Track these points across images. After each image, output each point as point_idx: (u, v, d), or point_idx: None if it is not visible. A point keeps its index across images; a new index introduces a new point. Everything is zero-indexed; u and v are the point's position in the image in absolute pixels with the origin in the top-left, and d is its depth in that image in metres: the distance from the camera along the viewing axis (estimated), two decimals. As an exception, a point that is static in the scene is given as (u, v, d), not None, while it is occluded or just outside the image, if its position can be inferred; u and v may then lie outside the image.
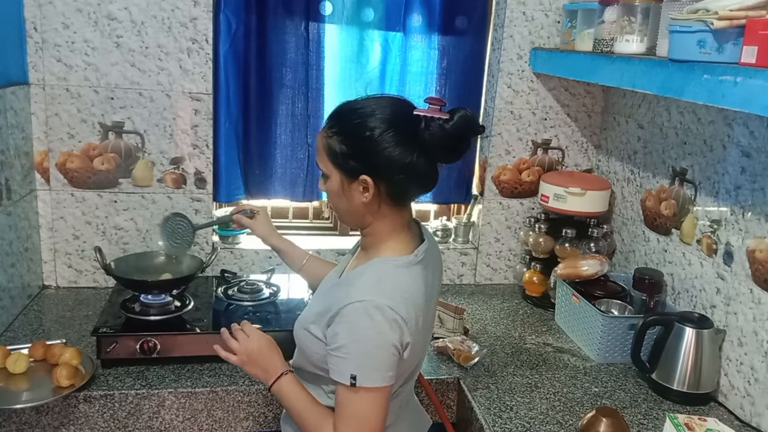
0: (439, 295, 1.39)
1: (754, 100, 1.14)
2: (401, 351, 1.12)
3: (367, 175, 1.13)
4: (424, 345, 1.26)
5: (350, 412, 1.11)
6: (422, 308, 1.17)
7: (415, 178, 1.15)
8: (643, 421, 1.55)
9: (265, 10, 2.03)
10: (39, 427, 1.50)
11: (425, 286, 1.19)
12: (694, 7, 1.29)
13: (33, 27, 1.87)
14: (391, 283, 1.13)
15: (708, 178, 1.74)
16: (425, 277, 1.20)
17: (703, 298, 1.75)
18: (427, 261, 1.22)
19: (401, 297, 1.12)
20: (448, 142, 1.12)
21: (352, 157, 1.15)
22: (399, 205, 1.19)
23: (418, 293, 1.16)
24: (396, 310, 1.09)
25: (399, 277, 1.15)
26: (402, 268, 1.16)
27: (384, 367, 1.10)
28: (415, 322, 1.13)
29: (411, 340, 1.12)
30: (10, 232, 1.79)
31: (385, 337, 1.09)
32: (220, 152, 2.09)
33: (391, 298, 1.10)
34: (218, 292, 1.93)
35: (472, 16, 2.19)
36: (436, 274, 1.30)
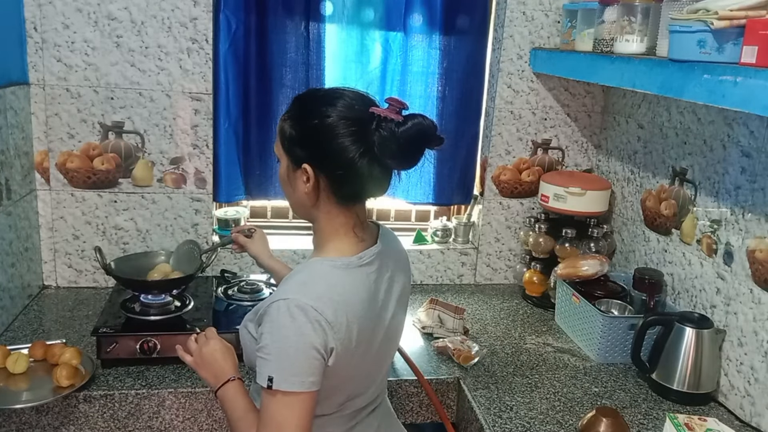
0: (404, 303, 1.27)
1: (754, 100, 1.14)
2: (325, 356, 1.05)
3: (309, 164, 1.11)
4: (369, 358, 1.16)
5: (268, 415, 1.05)
6: (359, 315, 1.09)
7: (357, 178, 1.09)
8: (643, 421, 1.55)
9: (265, 10, 2.03)
10: (39, 427, 1.50)
11: (368, 293, 1.13)
12: (694, 7, 1.29)
13: (33, 27, 1.87)
14: (322, 283, 1.08)
15: (708, 178, 1.74)
16: (370, 283, 1.14)
17: (703, 298, 1.75)
18: (379, 266, 1.17)
19: (330, 299, 1.06)
20: (395, 146, 1.06)
21: (297, 143, 1.13)
22: (343, 203, 1.14)
23: (354, 299, 1.10)
24: (320, 311, 1.04)
25: (332, 278, 1.10)
26: (339, 270, 1.11)
27: (303, 371, 1.04)
28: (346, 328, 1.07)
29: (337, 347, 1.06)
30: (10, 232, 1.79)
31: (305, 339, 1.03)
32: (220, 152, 2.09)
33: (317, 299, 1.05)
34: (218, 292, 1.93)
35: (472, 16, 2.19)
36: (397, 280, 1.22)
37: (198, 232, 2.11)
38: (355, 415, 1.23)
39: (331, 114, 1.08)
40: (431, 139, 1.09)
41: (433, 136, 1.09)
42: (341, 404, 1.18)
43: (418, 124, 1.07)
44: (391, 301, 1.21)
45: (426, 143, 1.09)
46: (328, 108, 1.09)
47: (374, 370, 1.23)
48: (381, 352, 1.21)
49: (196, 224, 2.11)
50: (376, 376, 1.25)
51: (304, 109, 1.14)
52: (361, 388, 1.21)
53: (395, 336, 1.26)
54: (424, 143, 1.09)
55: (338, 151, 1.08)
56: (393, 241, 1.28)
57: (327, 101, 1.11)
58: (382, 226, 1.28)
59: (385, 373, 1.30)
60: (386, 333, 1.20)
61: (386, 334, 1.20)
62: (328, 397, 1.14)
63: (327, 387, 1.10)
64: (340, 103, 1.10)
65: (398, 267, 1.24)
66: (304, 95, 1.18)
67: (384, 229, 1.27)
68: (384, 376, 1.30)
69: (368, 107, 1.09)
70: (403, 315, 1.29)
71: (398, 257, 1.26)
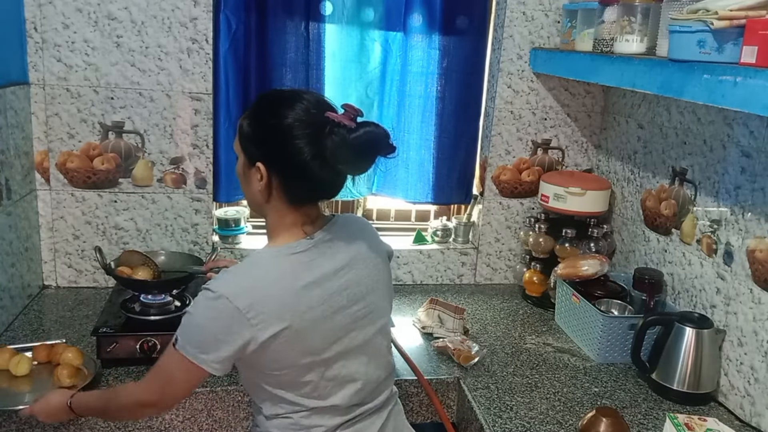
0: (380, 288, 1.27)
1: (754, 100, 1.14)
2: (241, 346, 1.10)
3: (262, 163, 1.14)
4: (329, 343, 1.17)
5: (165, 365, 1.16)
6: (288, 302, 1.11)
7: (308, 180, 1.13)
8: (643, 421, 1.55)
9: (265, 10, 2.03)
10: (39, 427, 1.49)
11: (297, 280, 1.13)
12: (694, 7, 1.29)
13: (33, 27, 1.87)
14: (244, 274, 1.14)
15: (708, 178, 1.74)
16: (300, 271, 1.14)
17: (703, 298, 1.75)
18: (319, 254, 1.17)
19: (251, 289, 1.10)
20: (346, 151, 1.09)
21: (252, 142, 1.17)
22: (293, 203, 1.17)
23: (278, 286, 1.12)
24: (237, 301, 1.08)
25: (256, 268, 1.15)
26: (267, 260, 1.16)
27: (200, 347, 1.11)
28: (267, 315, 1.09)
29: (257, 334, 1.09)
30: (10, 232, 1.79)
31: (213, 320, 1.10)
32: (220, 152, 2.09)
33: (237, 289, 1.10)
34: (218, 292, 1.92)
35: (472, 16, 2.19)
36: (358, 266, 1.22)
37: (198, 232, 2.11)
38: (350, 410, 1.23)
39: (288, 116, 1.11)
40: (382, 147, 1.12)
41: (384, 144, 1.12)
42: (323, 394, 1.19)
43: (370, 132, 1.10)
44: (349, 289, 1.20)
45: (377, 150, 1.12)
46: (285, 110, 1.12)
47: (350, 358, 1.21)
48: (353, 339, 1.21)
49: (196, 224, 2.11)
50: (356, 365, 1.23)
51: (263, 109, 1.18)
52: (339, 375, 1.20)
53: (369, 324, 1.25)
54: (375, 150, 1.12)
55: (291, 154, 1.11)
56: (353, 232, 1.27)
57: (285, 103, 1.14)
58: (341, 217, 1.28)
59: (377, 369, 1.28)
60: (352, 320, 1.20)
61: (352, 321, 1.21)
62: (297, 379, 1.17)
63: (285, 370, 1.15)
64: (297, 106, 1.12)
65: (360, 256, 1.24)
66: (266, 95, 1.22)
67: (342, 221, 1.27)
68: (374, 371, 1.27)
69: (324, 111, 1.12)
70: (383, 305, 1.29)
71: (360, 247, 1.25)
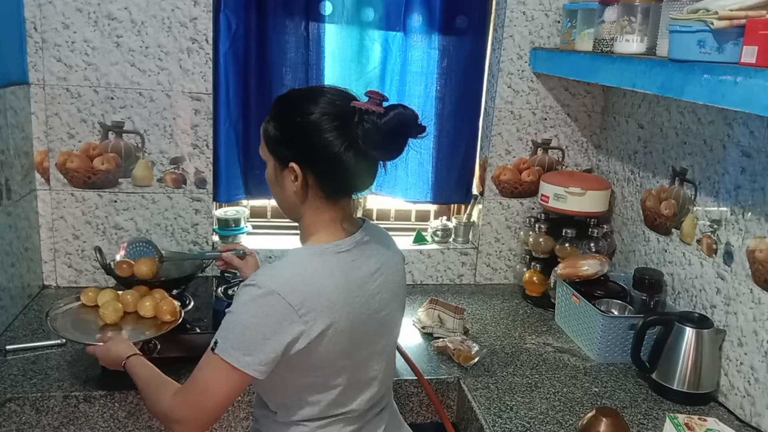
0: (399, 300, 1.27)
1: (754, 100, 1.14)
2: (289, 343, 1.07)
3: (295, 162, 1.13)
4: (363, 346, 1.17)
5: (200, 375, 1.11)
6: (336, 301, 1.10)
7: (343, 171, 1.12)
8: (643, 421, 1.55)
9: (265, 10, 2.03)
10: (39, 427, 1.50)
11: (345, 280, 1.13)
12: (694, 7, 1.29)
13: (33, 27, 1.87)
14: (291, 269, 1.10)
15: (708, 178, 1.74)
16: (347, 270, 1.14)
17: (703, 298, 1.75)
18: (360, 255, 1.18)
19: (297, 284, 1.07)
20: (378, 136, 1.08)
21: (282, 143, 1.14)
22: (329, 198, 1.16)
23: (327, 284, 1.10)
24: (284, 295, 1.05)
25: (304, 264, 1.12)
26: (314, 256, 1.13)
27: (244, 348, 1.06)
28: (318, 312, 1.07)
29: (307, 330, 1.07)
30: (10, 232, 1.79)
31: (262, 318, 1.06)
32: (220, 152, 2.09)
33: (287, 284, 1.07)
34: (218, 292, 1.93)
35: (472, 16, 2.19)
36: (387, 273, 1.22)
37: (198, 232, 2.11)
38: (362, 415, 1.23)
39: (314, 111, 1.10)
40: (412, 128, 1.11)
41: (414, 125, 1.11)
42: (345, 400, 1.18)
43: (399, 114, 1.09)
44: (381, 294, 1.20)
45: (408, 132, 1.11)
46: (310, 105, 1.11)
47: (373, 362, 1.22)
48: (377, 344, 1.21)
49: (196, 224, 2.11)
50: (377, 370, 1.23)
51: (287, 109, 1.16)
52: (363, 379, 1.20)
53: (390, 331, 1.26)
54: (406, 132, 1.11)
55: (323, 147, 1.10)
56: (382, 237, 1.28)
57: (308, 99, 1.13)
58: (369, 222, 1.28)
59: (389, 373, 1.30)
60: (380, 324, 1.20)
61: (380, 326, 1.21)
62: (329, 382, 1.15)
63: (321, 372, 1.13)
64: (321, 100, 1.12)
65: (389, 261, 1.24)
66: (285, 95, 1.20)
67: (371, 224, 1.28)
68: (387, 376, 1.29)
69: (349, 102, 1.11)
70: (400, 312, 1.29)
71: (388, 252, 1.26)
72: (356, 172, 1.13)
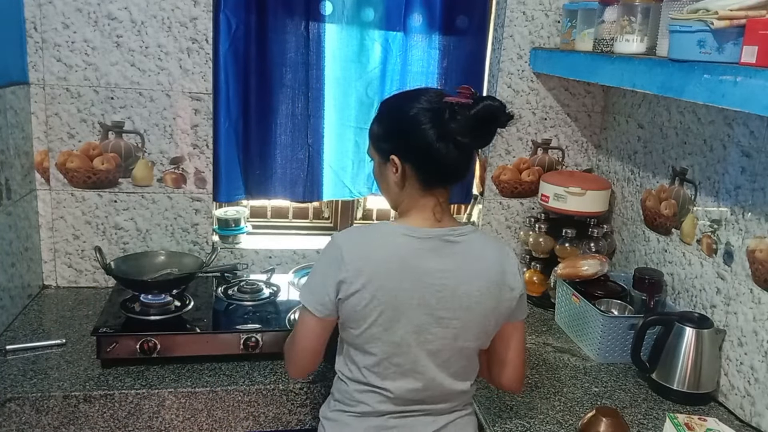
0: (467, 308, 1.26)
1: (754, 100, 1.14)
2: (335, 288, 1.21)
3: (395, 155, 1.24)
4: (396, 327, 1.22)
5: (296, 323, 1.31)
6: (377, 271, 1.20)
7: (437, 161, 1.21)
8: (643, 421, 1.55)
9: (265, 10, 2.03)
10: (39, 427, 1.50)
11: (399, 259, 1.21)
12: (694, 7, 1.29)
13: (33, 27, 1.87)
14: (363, 232, 1.28)
15: (708, 178, 1.74)
16: (406, 252, 1.22)
17: (703, 298, 1.75)
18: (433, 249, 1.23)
19: (356, 245, 1.23)
20: (468, 126, 1.18)
21: (384, 139, 1.28)
22: (425, 187, 1.25)
23: (377, 255, 1.22)
24: (344, 249, 1.21)
25: (371, 234, 1.27)
26: (384, 230, 1.27)
27: (314, 292, 1.24)
28: (358, 272, 1.19)
29: (347, 280, 1.19)
30: (10, 231, 1.79)
31: (325, 268, 1.23)
32: (220, 152, 2.09)
33: (347, 241, 1.23)
34: (218, 292, 1.93)
35: (472, 16, 2.19)
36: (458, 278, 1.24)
37: (198, 232, 2.11)
38: (402, 403, 1.28)
39: (412, 108, 1.22)
40: (500, 117, 1.21)
41: (501, 116, 1.21)
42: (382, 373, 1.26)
43: (488, 105, 1.19)
44: (442, 294, 1.23)
45: (496, 121, 1.21)
46: (409, 103, 1.24)
47: (419, 354, 1.25)
48: (427, 340, 1.25)
49: (196, 224, 2.11)
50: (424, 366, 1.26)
51: (388, 109, 1.31)
52: (403, 364, 1.25)
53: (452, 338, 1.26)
54: (495, 121, 1.21)
55: (419, 139, 1.21)
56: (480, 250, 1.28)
57: (407, 99, 1.26)
58: (479, 232, 1.33)
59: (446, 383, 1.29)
60: (434, 321, 1.24)
61: (434, 323, 1.24)
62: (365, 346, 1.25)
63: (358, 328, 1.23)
64: (418, 99, 1.23)
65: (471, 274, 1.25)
66: (388, 98, 1.36)
67: (479, 235, 1.31)
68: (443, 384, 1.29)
69: (443, 98, 1.22)
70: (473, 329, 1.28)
71: (476, 264, 1.26)
72: (449, 162, 1.22)
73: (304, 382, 1.62)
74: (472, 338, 1.29)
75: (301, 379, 1.59)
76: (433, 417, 1.32)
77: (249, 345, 1.66)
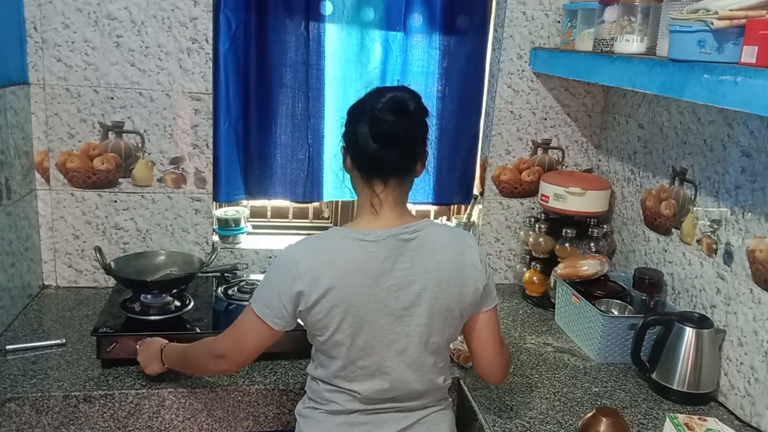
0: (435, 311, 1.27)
1: (754, 100, 1.14)
2: (290, 301, 1.23)
3: (343, 145, 1.31)
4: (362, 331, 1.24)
5: (240, 321, 1.32)
6: (337, 277, 1.21)
7: (360, 150, 1.25)
8: (643, 421, 1.55)
9: (265, 10, 2.03)
10: (39, 427, 1.50)
11: (355, 265, 1.22)
12: (694, 7, 1.29)
13: (33, 27, 1.87)
14: (313, 242, 1.29)
15: (708, 177, 1.74)
16: (363, 257, 1.23)
17: (703, 298, 1.75)
18: (390, 249, 1.24)
19: (314, 255, 1.24)
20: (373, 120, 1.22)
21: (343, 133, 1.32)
22: (362, 178, 1.28)
23: (335, 263, 1.23)
24: (299, 261, 1.23)
25: (324, 242, 1.27)
26: (336, 237, 1.28)
27: (266, 302, 1.26)
28: (317, 282, 1.21)
29: (306, 292, 1.21)
30: (10, 231, 1.79)
31: (279, 276, 1.25)
32: (220, 152, 2.09)
33: (303, 252, 1.25)
34: (218, 291, 1.93)
35: (472, 16, 2.19)
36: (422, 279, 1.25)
37: (198, 232, 2.11)
38: (372, 403, 1.29)
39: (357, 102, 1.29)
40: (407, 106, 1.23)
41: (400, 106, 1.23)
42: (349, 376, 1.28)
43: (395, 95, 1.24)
44: (401, 292, 1.25)
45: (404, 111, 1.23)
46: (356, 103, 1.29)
47: (385, 356, 1.26)
48: (391, 340, 1.26)
49: (196, 224, 2.11)
50: (390, 368, 1.27)
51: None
52: (369, 366, 1.27)
53: (415, 335, 1.27)
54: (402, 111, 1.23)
55: (348, 125, 1.28)
56: (437, 244, 1.28)
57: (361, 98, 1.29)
58: (434, 224, 1.34)
59: (425, 388, 1.32)
60: (396, 321, 1.25)
61: (396, 323, 1.25)
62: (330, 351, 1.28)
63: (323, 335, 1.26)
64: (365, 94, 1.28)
65: (429, 269, 1.26)
66: None
67: (433, 228, 1.31)
68: (421, 389, 1.31)
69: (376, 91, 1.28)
70: (438, 323, 1.28)
71: (434, 258, 1.27)
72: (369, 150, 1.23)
73: (304, 381, 1.61)
74: (437, 333, 1.29)
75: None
76: (404, 413, 1.33)
77: (249, 345, 1.66)
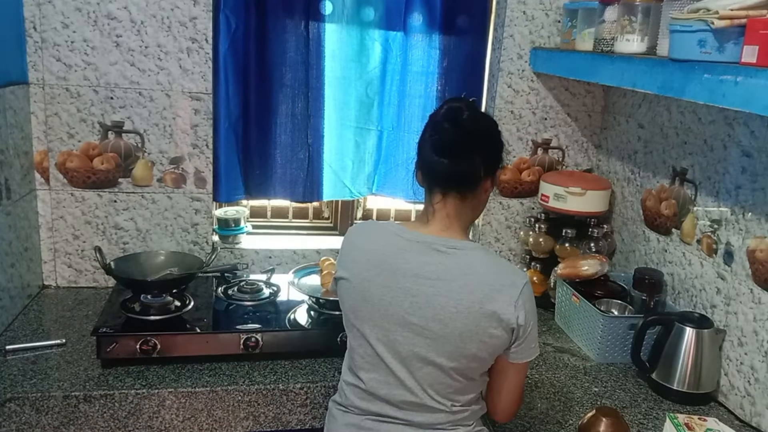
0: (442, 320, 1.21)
1: (754, 100, 1.14)
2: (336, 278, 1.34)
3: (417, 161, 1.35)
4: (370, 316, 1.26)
5: None
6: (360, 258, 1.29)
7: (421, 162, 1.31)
8: (643, 421, 1.55)
9: (265, 10, 2.03)
10: (39, 427, 1.50)
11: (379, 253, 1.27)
12: (695, 7, 1.28)
13: (32, 26, 1.87)
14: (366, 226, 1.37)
15: (708, 177, 1.74)
16: (388, 247, 1.27)
17: (703, 298, 1.75)
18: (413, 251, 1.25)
19: (355, 235, 1.35)
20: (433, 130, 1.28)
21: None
22: (427, 191, 1.32)
23: (363, 245, 1.31)
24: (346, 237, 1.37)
25: (373, 227, 1.35)
26: (384, 224, 1.35)
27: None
28: (344, 258, 1.33)
29: (338, 262, 1.35)
30: (10, 231, 1.79)
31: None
32: (220, 152, 2.09)
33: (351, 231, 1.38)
34: (218, 291, 1.93)
35: (472, 16, 2.19)
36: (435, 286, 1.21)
37: (198, 232, 2.11)
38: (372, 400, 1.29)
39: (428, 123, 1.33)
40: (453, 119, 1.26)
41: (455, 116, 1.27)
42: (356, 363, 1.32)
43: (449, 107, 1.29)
44: (417, 298, 1.22)
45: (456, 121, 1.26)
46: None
47: (384, 350, 1.25)
48: (395, 340, 1.24)
49: (196, 224, 2.11)
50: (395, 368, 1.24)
51: None
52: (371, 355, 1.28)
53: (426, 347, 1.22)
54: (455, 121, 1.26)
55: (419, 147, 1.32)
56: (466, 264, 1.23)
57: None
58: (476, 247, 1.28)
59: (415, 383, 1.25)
60: (404, 325, 1.23)
61: (403, 326, 1.23)
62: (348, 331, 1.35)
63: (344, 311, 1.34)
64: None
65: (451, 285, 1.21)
66: None
67: (472, 250, 1.26)
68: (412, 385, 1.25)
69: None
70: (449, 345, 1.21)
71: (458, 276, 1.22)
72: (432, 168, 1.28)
73: (304, 381, 1.62)
74: (446, 356, 1.22)
75: None
76: (413, 429, 1.27)
77: (249, 345, 1.66)
